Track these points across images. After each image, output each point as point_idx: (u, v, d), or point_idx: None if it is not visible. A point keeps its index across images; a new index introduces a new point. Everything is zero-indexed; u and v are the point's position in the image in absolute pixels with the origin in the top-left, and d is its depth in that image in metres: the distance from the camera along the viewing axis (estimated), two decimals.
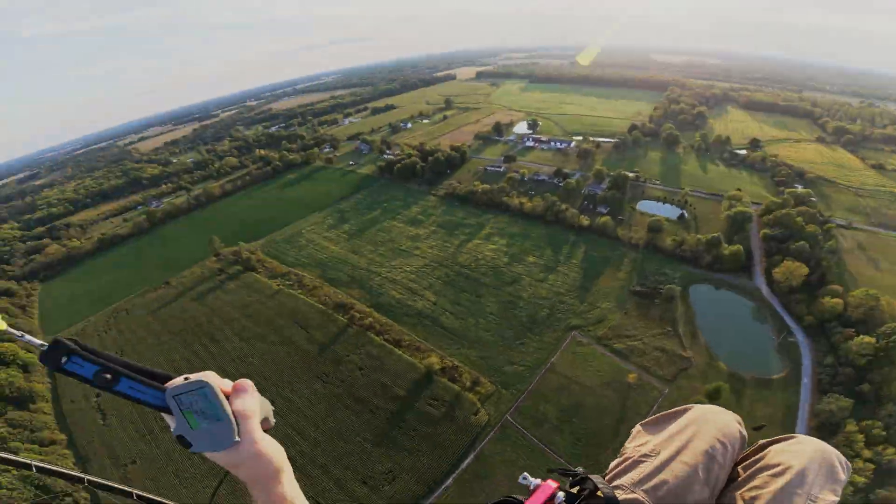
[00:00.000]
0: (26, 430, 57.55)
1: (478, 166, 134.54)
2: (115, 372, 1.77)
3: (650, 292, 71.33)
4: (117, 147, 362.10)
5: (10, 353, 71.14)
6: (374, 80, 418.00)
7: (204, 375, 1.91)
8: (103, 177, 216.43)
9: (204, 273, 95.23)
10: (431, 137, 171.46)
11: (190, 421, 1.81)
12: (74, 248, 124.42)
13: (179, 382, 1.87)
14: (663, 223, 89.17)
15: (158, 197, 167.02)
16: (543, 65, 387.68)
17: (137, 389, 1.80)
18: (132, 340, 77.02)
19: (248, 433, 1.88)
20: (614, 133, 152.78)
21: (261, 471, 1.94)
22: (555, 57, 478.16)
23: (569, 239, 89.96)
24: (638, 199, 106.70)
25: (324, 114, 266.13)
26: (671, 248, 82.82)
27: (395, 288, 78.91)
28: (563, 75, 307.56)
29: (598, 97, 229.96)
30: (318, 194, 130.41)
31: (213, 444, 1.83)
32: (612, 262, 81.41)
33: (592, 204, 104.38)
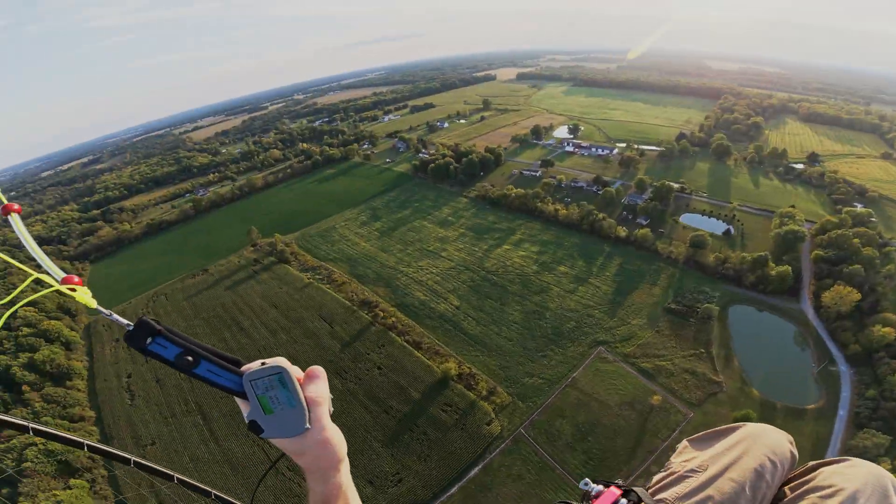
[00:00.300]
0: (59, 406, 61.07)
1: (513, 170, 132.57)
2: (196, 355, 1.81)
3: (686, 311, 67.81)
4: (173, 135, 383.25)
5: (55, 331, 76.29)
6: (416, 78, 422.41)
7: (277, 361, 1.93)
8: (157, 164, 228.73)
9: (240, 262, 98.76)
10: (467, 138, 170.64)
11: (264, 406, 1.84)
12: (125, 231, 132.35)
13: (256, 367, 1.90)
14: (707, 238, 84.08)
15: (206, 185, 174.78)
16: (589, 68, 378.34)
17: (216, 373, 1.84)
18: (167, 324, 79.83)
19: (318, 420, 1.90)
20: (661, 141, 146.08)
21: (324, 460, 1.96)
22: (602, 61, 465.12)
23: (604, 250, 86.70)
24: (681, 211, 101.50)
25: (365, 110, 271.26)
26: (713, 265, 78.41)
27: (420, 289, 78.81)
28: (609, 79, 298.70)
29: (645, 103, 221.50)
30: (353, 190, 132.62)
31: (284, 430, 1.85)
32: (647, 276, 77.85)
33: (632, 215, 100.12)
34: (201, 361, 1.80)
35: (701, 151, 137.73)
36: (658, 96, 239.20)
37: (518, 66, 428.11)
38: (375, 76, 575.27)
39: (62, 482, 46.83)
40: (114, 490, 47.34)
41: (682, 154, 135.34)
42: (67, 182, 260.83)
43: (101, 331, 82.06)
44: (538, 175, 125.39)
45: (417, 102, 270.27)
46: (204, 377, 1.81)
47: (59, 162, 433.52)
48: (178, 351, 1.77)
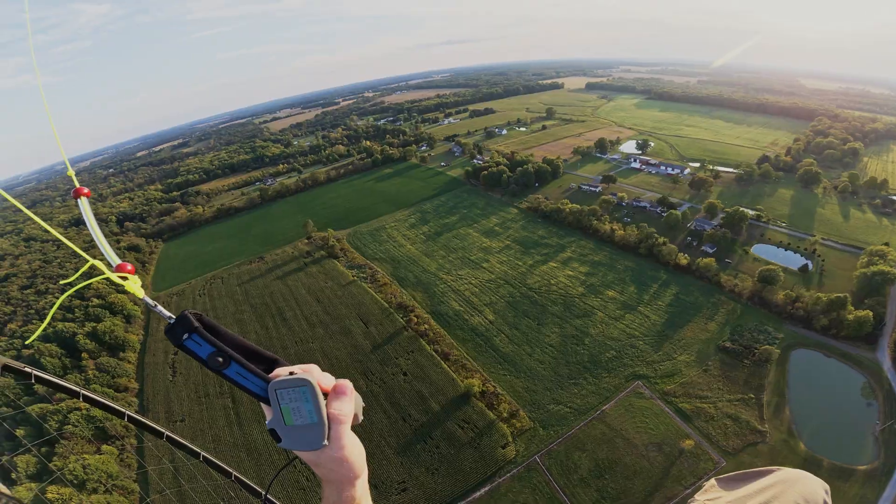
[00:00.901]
0: (108, 375, 66.72)
1: (570, 183, 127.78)
2: (227, 356, 1.84)
3: (742, 351, 61.89)
4: (253, 124, 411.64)
5: (120, 304, 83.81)
6: (479, 82, 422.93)
7: (308, 369, 1.95)
8: (235, 151, 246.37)
9: (294, 253, 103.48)
10: (525, 146, 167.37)
11: (285, 416, 1.84)
12: (197, 214, 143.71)
13: (284, 375, 1.90)
14: (778, 273, 75.36)
15: (275, 175, 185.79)
16: (666, 81, 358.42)
17: (244, 376, 1.86)
18: (217, 307, 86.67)
19: (336, 439, 1.91)
20: (739, 163, 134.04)
21: (339, 474, 1.98)
22: (681, 74, 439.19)
23: (660, 277, 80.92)
24: (754, 241, 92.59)
25: (427, 111, 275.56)
26: (782, 303, 70.58)
27: (457, 299, 78.09)
28: (687, 94, 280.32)
29: (726, 121, 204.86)
30: (406, 192, 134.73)
31: (302, 443, 1.86)
32: (704, 310, 71.76)
33: (697, 241, 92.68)
34: (231, 363, 1.84)
35: (785, 177, 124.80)
36: (742, 115, 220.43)
37: (588, 76, 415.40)
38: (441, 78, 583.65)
39: (95, 447, 51.17)
40: (139, 459, 50.94)
41: (763, 179, 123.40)
42: (157, 163, 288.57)
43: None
44: (598, 191, 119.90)
45: (478, 107, 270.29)
46: (232, 379, 1.85)
47: (154, 143, 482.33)
48: (211, 350, 1.80)
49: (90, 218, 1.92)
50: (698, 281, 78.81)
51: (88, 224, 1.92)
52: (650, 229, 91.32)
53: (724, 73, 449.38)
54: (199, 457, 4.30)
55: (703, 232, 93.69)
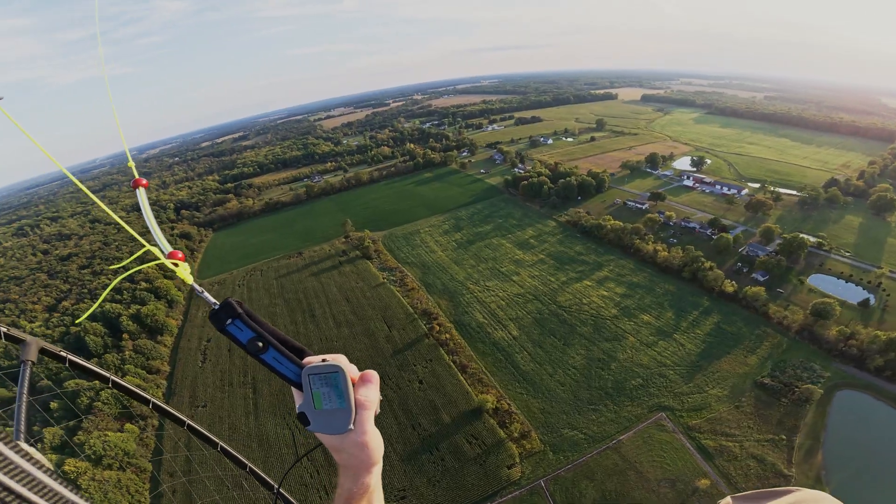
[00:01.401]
0: (143, 357, 70.67)
1: (615, 198, 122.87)
2: (266, 341, 1.94)
3: (781, 388, 57.11)
4: (308, 121, 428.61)
5: (165, 289, 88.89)
6: (527, 89, 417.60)
7: (336, 359, 2.04)
8: (288, 147, 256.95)
9: (330, 251, 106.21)
10: (570, 158, 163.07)
11: (315, 401, 1.95)
12: (247, 206, 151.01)
13: (316, 362, 2.01)
14: (834, 307, 68.57)
15: (322, 173, 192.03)
16: (729, 95, 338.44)
17: (280, 361, 1.96)
18: (254, 298, 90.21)
19: (361, 424, 1.99)
20: (804, 186, 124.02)
21: (359, 460, 2.03)
22: (746, 88, 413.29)
23: (701, 304, 75.95)
24: (811, 271, 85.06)
25: (472, 117, 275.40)
26: (834, 339, 64.49)
27: (481, 310, 76.95)
28: (752, 110, 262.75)
29: (794, 140, 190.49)
30: (444, 197, 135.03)
31: (329, 427, 1.96)
32: (745, 341, 66.70)
33: (748, 267, 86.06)
34: (269, 349, 1.93)
35: (855, 203, 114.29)
36: (811, 134, 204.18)
37: (644, 87, 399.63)
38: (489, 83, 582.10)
39: (119, 424, 54.21)
40: (157, 441, 53.59)
41: (830, 203, 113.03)
42: (218, 154, 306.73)
43: None
44: (644, 208, 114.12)
45: (524, 115, 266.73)
46: (268, 363, 1.94)
47: (218, 134, 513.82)
48: (251, 336, 1.90)
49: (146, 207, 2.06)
50: (744, 310, 73.35)
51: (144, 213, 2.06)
52: (697, 252, 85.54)
53: (794, 89, 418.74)
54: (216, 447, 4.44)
55: (756, 258, 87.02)
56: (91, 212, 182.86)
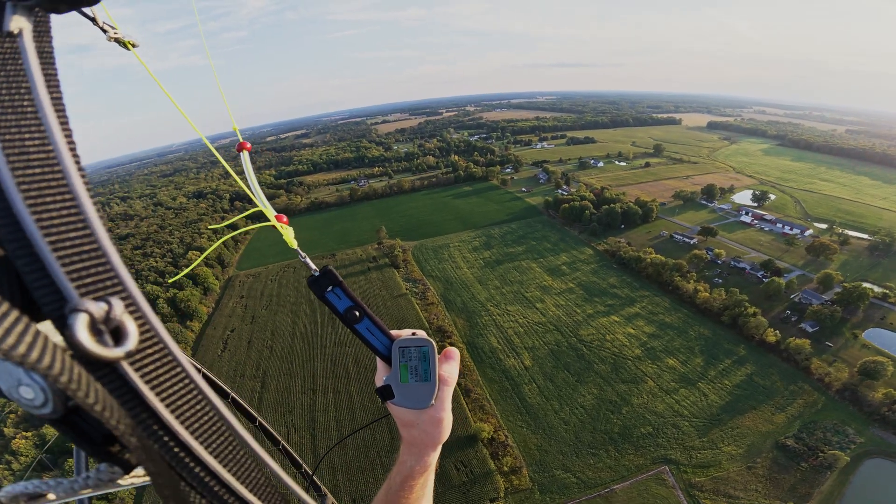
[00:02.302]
0: None
1: (662, 230, 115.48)
2: (363, 311, 1.90)
3: (803, 452, 51.75)
4: (365, 124, 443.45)
5: (203, 277, 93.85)
6: (584, 108, 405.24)
7: (423, 335, 2.03)
8: (343, 148, 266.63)
9: (362, 256, 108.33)
10: (620, 183, 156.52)
11: (402, 374, 1.94)
12: (294, 203, 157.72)
13: (406, 335, 1.99)
14: (886, 367, 60.92)
15: (369, 177, 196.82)
16: (806, 127, 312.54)
17: (372, 333, 1.93)
18: (281, 294, 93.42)
19: (442, 400, 1.98)
20: (878, 229, 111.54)
21: (430, 437, 2.02)
22: (825, 121, 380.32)
23: (737, 352, 69.78)
24: (869, 324, 75.99)
25: (522, 133, 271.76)
26: (877, 402, 57.71)
27: (497, 335, 74.87)
28: (829, 143, 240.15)
29: (874, 179, 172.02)
30: (480, 213, 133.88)
31: (412, 401, 1.95)
32: (777, 397, 60.64)
33: (798, 316, 78.00)
34: (364, 319, 1.90)
35: None
36: (895, 172, 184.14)
37: (712, 114, 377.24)
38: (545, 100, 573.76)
39: None
40: None
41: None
42: (279, 149, 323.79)
43: (236, 285, 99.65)
44: (692, 243, 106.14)
45: (577, 134, 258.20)
46: (361, 334, 1.92)
47: (284, 130, 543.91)
48: (349, 305, 1.86)
49: (249, 170, 2.03)
50: (783, 363, 66.89)
51: (249, 177, 2.02)
52: (741, 296, 78.28)
53: (882, 123, 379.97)
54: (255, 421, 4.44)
55: (809, 307, 78.41)
56: (157, 195, 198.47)
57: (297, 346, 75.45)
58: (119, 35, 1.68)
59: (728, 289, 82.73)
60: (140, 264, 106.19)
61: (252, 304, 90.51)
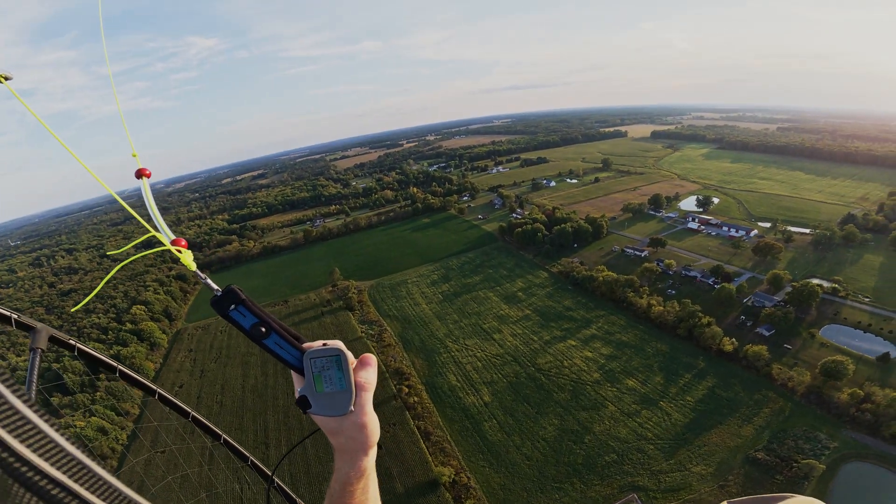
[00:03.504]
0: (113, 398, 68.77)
1: (614, 245, 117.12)
2: (268, 327, 1.94)
3: (777, 464, 50.74)
4: (324, 161, 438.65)
5: (149, 332, 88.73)
6: (537, 129, 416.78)
7: (336, 343, 2.06)
8: (298, 188, 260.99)
9: (316, 300, 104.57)
10: (571, 201, 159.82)
11: (317, 384, 1.97)
12: (246, 249, 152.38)
13: (317, 346, 2.02)
14: (847, 366, 61.17)
15: (325, 216, 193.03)
16: (742, 128, 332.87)
17: (281, 346, 1.97)
18: (231, 346, 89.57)
19: (361, 405, 2.02)
20: (818, 223, 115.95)
21: (357, 442, 2.06)
22: (759, 121, 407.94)
23: (696, 365, 69.68)
24: (825, 322, 77.10)
25: (478, 159, 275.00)
26: (845, 404, 57.32)
27: (456, 372, 73.01)
28: (764, 142, 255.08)
29: (807, 173, 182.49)
30: (437, 245, 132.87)
31: (330, 408, 1.98)
32: (742, 408, 60.07)
33: (753, 321, 78.50)
34: (272, 333, 1.93)
35: (875, 240, 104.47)
36: (826, 165, 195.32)
37: (655, 123, 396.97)
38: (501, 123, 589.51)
39: None
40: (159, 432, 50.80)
41: (846, 242, 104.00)
42: (235, 192, 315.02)
43: (185, 338, 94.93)
44: (644, 255, 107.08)
45: (531, 156, 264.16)
46: (270, 348, 1.95)
47: (241, 171, 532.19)
48: (254, 321, 1.89)
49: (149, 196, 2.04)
50: (744, 372, 66.78)
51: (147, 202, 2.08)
52: (694, 306, 78.63)
53: (809, 119, 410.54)
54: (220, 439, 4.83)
55: (762, 309, 79.31)
56: (104, 246, 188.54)
57: (247, 400, 72.77)
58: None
59: (681, 300, 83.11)
60: (82, 321, 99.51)
61: (201, 358, 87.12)
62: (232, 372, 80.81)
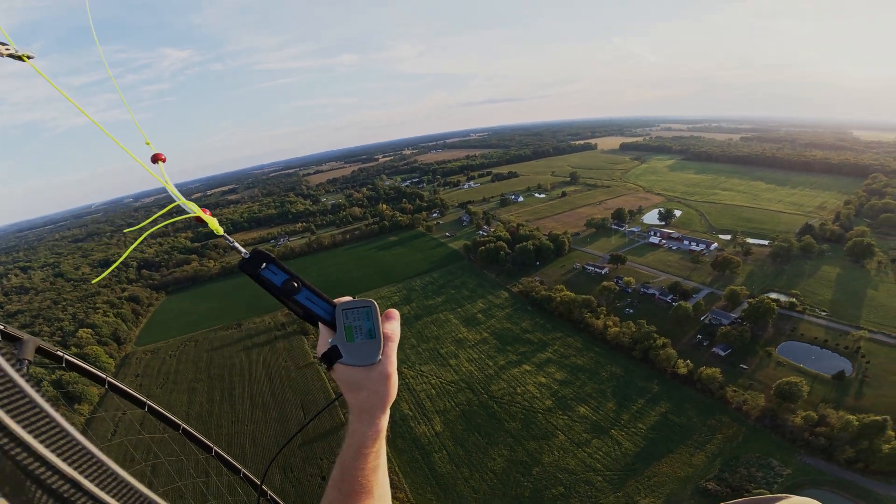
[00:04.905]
0: None
1: (575, 262, 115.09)
2: (300, 282, 2.03)
3: (727, 494, 49.19)
4: (297, 176, 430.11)
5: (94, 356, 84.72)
6: (511, 143, 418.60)
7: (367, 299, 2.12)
8: (266, 205, 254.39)
9: (270, 324, 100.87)
10: (537, 217, 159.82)
11: (347, 335, 2.03)
12: (204, 269, 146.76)
13: (348, 300, 2.12)
14: (801, 387, 60.10)
15: (291, 234, 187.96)
16: (707, 139, 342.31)
17: (312, 301, 2.05)
18: (179, 371, 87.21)
19: (388, 355, 2.05)
20: (777, 234, 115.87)
21: (379, 395, 2.06)
22: (724, 131, 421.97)
23: (650, 389, 68.43)
24: (781, 338, 76.14)
25: (451, 173, 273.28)
26: (799, 427, 56.42)
27: (409, 400, 70.70)
28: (726, 153, 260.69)
29: (768, 183, 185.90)
30: (402, 264, 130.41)
31: (360, 358, 2.02)
32: (695, 435, 58.83)
33: (709, 340, 77.71)
34: (303, 289, 2.01)
35: (831, 250, 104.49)
36: (785, 174, 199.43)
37: (625, 135, 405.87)
38: (478, 137, 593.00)
39: None
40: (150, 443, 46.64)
41: (804, 253, 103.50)
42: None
43: (133, 363, 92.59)
44: (604, 273, 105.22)
45: (502, 170, 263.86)
46: (302, 303, 2.02)
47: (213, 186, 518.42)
48: (286, 277, 1.98)
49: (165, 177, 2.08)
50: (699, 395, 65.54)
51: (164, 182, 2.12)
52: (650, 327, 77.27)
53: (770, 129, 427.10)
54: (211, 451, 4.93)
55: (719, 327, 78.33)
56: (61, 264, 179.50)
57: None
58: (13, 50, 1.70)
59: (638, 320, 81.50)
60: None
61: (147, 384, 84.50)
62: (178, 398, 78.55)
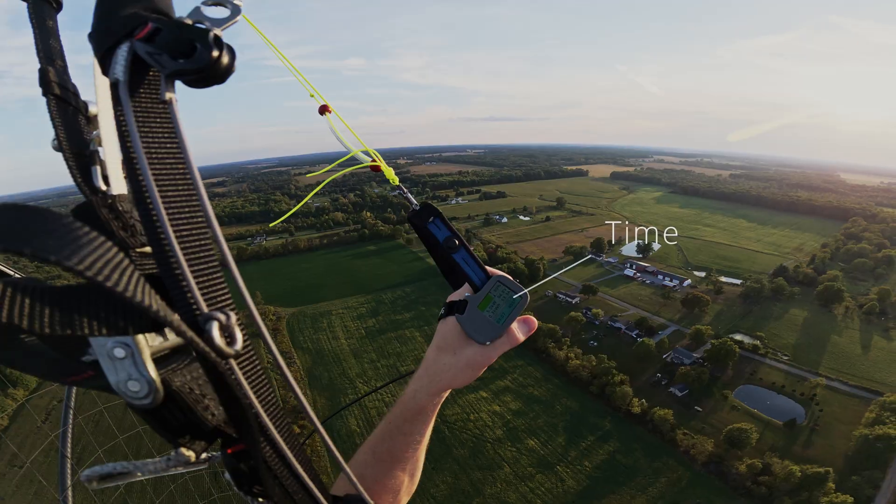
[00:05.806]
0: None
1: (548, 289, 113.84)
2: (460, 241, 1.85)
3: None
4: (289, 174, 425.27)
5: None
6: (505, 162, 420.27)
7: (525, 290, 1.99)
8: (251, 201, 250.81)
9: None
10: (518, 239, 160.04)
11: (483, 302, 1.84)
12: None
13: (507, 276, 1.90)
14: (750, 434, 59.55)
15: (269, 233, 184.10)
16: (697, 173, 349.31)
17: (467, 263, 1.85)
18: None
19: (495, 348, 1.85)
20: (751, 275, 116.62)
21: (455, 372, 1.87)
22: (714, 166, 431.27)
23: (601, 426, 67.54)
24: (740, 381, 76.22)
25: (442, 187, 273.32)
26: (743, 475, 56.07)
27: (359, 416, 68.16)
28: (713, 188, 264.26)
29: (749, 221, 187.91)
30: (376, 275, 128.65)
31: (474, 329, 1.84)
32: (639, 477, 58.15)
33: (668, 378, 77.39)
34: (461, 248, 1.85)
35: (802, 293, 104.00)
36: (768, 213, 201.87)
37: (617, 164, 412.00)
38: (474, 153, 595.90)
39: None
40: None
41: (775, 295, 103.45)
42: None
43: None
44: (574, 302, 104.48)
45: (491, 189, 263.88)
46: (458, 262, 1.86)
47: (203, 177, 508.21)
48: (448, 234, 1.83)
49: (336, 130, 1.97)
50: (649, 436, 64.77)
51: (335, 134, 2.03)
52: (610, 362, 76.35)
53: (761, 167, 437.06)
54: None
55: (679, 367, 77.99)
56: None
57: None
58: None
59: (599, 353, 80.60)
60: None
61: None
62: None
